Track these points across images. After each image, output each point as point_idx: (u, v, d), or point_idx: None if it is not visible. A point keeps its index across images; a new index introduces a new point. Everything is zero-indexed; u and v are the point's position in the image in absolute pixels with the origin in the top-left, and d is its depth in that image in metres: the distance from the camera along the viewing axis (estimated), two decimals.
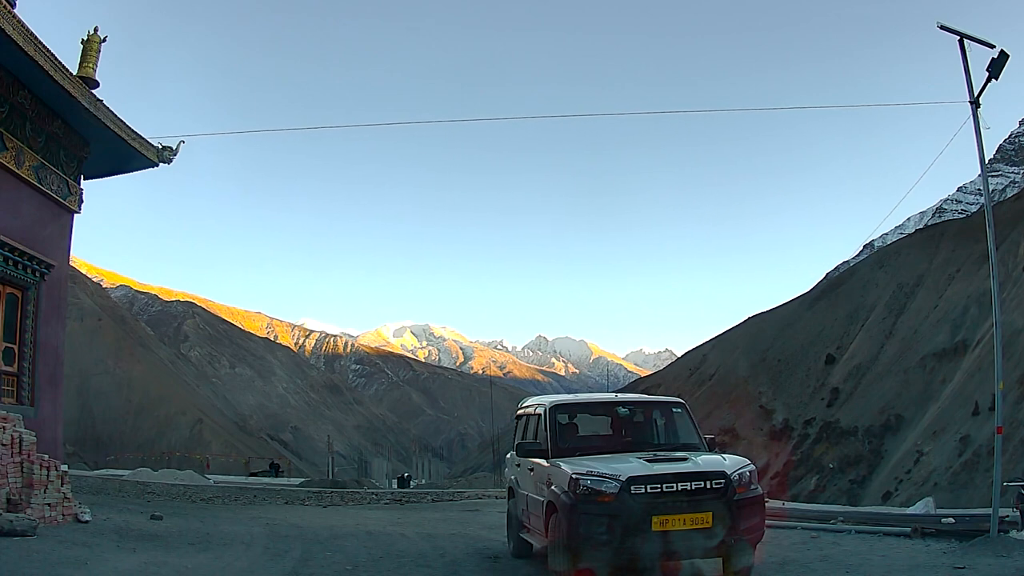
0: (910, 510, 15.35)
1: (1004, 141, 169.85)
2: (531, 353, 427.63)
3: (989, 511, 9.50)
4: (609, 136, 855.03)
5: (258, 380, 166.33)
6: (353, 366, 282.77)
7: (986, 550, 8.27)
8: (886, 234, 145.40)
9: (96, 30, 13.44)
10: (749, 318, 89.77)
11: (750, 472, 6.87)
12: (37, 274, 12.51)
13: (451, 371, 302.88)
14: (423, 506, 20.86)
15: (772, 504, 14.42)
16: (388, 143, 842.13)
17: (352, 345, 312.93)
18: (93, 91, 12.74)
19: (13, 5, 11.06)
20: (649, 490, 6.41)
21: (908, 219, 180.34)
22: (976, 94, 10.24)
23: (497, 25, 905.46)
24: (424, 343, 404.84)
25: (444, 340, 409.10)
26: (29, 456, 10.00)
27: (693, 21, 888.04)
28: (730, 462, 6.94)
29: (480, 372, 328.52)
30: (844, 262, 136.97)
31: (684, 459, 6.96)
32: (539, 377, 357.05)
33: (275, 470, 49.38)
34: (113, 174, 15.46)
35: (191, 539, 10.01)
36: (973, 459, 41.64)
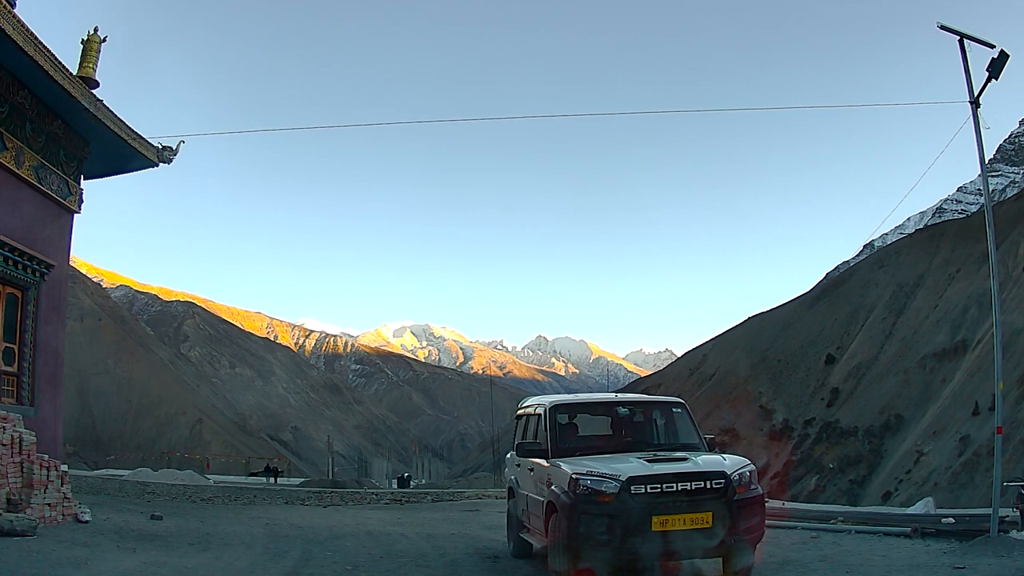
0: (910, 510, 15.30)
1: (1004, 141, 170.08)
2: (531, 353, 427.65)
3: (989, 511, 9.47)
4: (609, 136, 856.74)
5: (258, 380, 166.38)
6: (353, 366, 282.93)
7: (986, 550, 8.25)
8: (886, 234, 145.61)
9: (96, 30, 13.42)
10: (749, 318, 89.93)
11: (750, 472, 6.86)
12: (37, 274, 12.49)
13: (451, 371, 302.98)
14: (423, 506, 20.85)
15: (772, 504, 14.39)
16: (388, 142, 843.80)
17: (352, 345, 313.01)
18: (93, 91, 12.72)
19: (13, 5, 11.05)
20: (649, 490, 6.40)
21: (908, 219, 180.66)
22: (976, 94, 10.22)
23: (498, 25, 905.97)
24: (424, 343, 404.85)
25: (444, 340, 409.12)
26: (29, 456, 9.99)
27: (694, 21, 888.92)
28: (730, 462, 6.92)
29: (480, 372, 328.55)
30: (844, 262, 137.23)
31: (684, 459, 6.95)
32: (539, 377, 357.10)
33: (272, 474, 44.04)
34: (113, 174, 15.42)
35: (191, 539, 10.00)
36: (973, 459, 41.69)
